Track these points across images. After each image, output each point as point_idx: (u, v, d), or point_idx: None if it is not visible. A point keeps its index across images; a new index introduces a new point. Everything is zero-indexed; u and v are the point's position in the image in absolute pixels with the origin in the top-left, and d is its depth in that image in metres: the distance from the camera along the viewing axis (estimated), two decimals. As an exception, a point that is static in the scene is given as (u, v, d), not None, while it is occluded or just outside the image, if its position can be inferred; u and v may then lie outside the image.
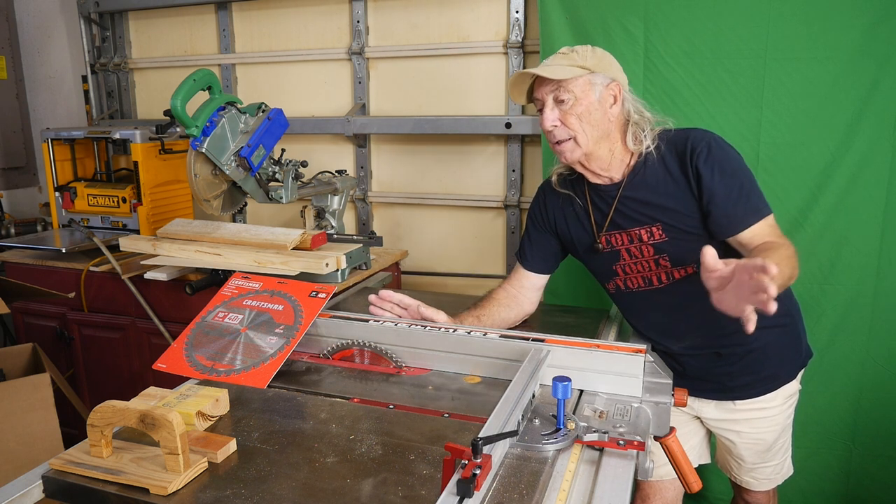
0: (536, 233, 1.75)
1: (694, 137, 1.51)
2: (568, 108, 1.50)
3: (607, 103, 1.52)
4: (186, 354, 1.39)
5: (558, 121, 1.51)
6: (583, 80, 1.50)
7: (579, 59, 1.51)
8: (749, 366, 1.61)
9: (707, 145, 1.48)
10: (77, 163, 2.75)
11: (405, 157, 2.80)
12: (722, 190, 1.46)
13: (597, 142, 1.53)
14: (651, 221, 1.54)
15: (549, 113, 1.52)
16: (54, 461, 1.04)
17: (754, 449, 1.70)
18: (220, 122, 1.99)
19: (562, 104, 1.51)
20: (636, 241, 1.56)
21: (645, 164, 1.55)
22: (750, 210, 1.46)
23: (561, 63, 1.51)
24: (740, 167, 1.50)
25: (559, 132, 1.52)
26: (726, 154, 1.49)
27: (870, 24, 1.92)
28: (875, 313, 2.08)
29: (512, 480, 0.97)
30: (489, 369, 1.37)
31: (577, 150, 1.53)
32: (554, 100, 1.51)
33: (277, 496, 0.97)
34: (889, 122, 1.97)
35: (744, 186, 1.47)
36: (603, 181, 1.60)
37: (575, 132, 1.51)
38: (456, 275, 2.76)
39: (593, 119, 1.51)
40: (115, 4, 3.09)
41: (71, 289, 2.32)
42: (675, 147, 1.53)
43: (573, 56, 1.52)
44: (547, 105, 1.52)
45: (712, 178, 1.46)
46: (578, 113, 1.50)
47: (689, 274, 1.53)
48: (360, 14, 2.71)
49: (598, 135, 1.52)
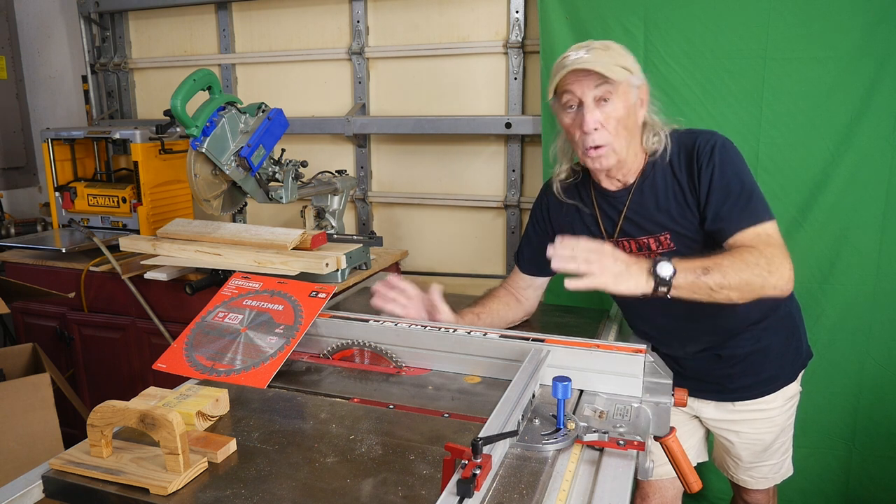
0: (537, 237, 1.72)
1: (701, 139, 1.47)
2: (610, 111, 1.40)
3: (638, 105, 1.46)
4: (186, 354, 1.39)
5: (600, 124, 1.41)
6: (626, 83, 1.41)
7: (619, 57, 1.42)
8: (749, 368, 1.60)
9: (712, 147, 1.45)
10: (77, 163, 2.75)
11: (405, 157, 2.80)
12: (718, 191, 1.43)
13: (629, 149, 1.47)
14: (660, 230, 1.51)
15: (592, 114, 1.39)
16: (54, 461, 1.04)
17: (752, 449, 1.70)
18: (220, 122, 1.99)
19: (604, 104, 1.40)
20: (644, 249, 1.53)
21: (654, 166, 1.50)
22: (745, 215, 1.41)
23: (607, 60, 1.39)
24: (741, 171, 1.46)
25: (600, 136, 1.42)
26: (730, 156, 1.45)
27: (869, 24, 1.93)
28: (875, 313, 2.09)
29: (512, 480, 0.97)
30: (489, 369, 1.37)
31: (612, 157, 1.45)
32: (594, 99, 1.41)
33: (277, 496, 0.97)
34: (888, 121, 1.97)
35: (743, 189, 1.43)
36: (615, 186, 1.55)
37: (613, 138, 1.42)
38: (456, 275, 2.76)
39: (629, 124, 1.44)
40: (115, 4, 3.09)
41: (71, 289, 2.32)
42: (685, 148, 1.48)
43: (613, 54, 1.42)
44: (587, 104, 1.40)
45: (711, 179, 1.43)
46: (618, 117, 1.41)
47: None
48: (360, 14, 2.71)
49: (630, 141, 1.46)
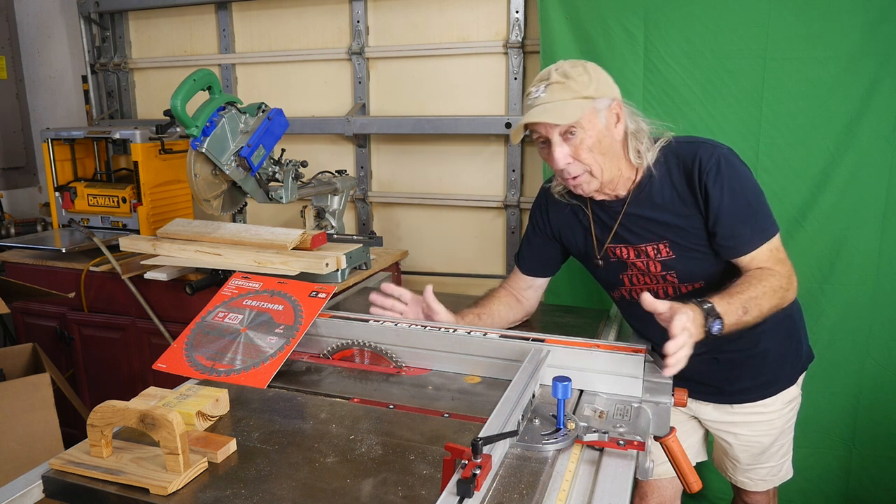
0: (537, 238, 1.72)
1: (703, 153, 1.44)
2: (578, 143, 1.41)
3: (612, 125, 1.44)
4: (186, 354, 1.39)
5: (570, 157, 1.42)
6: (588, 112, 1.40)
7: (578, 87, 1.39)
8: (747, 371, 1.60)
9: (717, 163, 1.41)
10: (77, 163, 2.75)
11: (405, 157, 2.80)
12: (729, 210, 1.41)
13: (610, 168, 1.46)
14: (658, 238, 1.50)
15: (559, 151, 1.41)
16: (54, 461, 1.04)
17: (750, 451, 1.70)
18: (220, 122, 1.99)
19: (570, 138, 1.41)
20: (643, 255, 1.53)
21: (650, 179, 1.49)
22: (756, 232, 1.42)
23: (562, 97, 1.39)
24: (749, 185, 1.45)
25: (573, 168, 1.43)
26: (736, 172, 1.43)
27: (870, 24, 1.93)
28: (875, 313, 2.08)
29: (512, 480, 0.97)
30: (489, 369, 1.37)
31: (594, 182, 1.46)
32: (560, 135, 1.41)
33: (277, 496, 0.97)
34: (888, 122, 1.97)
35: (751, 206, 1.42)
36: (608, 198, 1.54)
37: (589, 165, 1.42)
38: (456, 275, 2.76)
39: (604, 147, 1.43)
40: (115, 4, 3.09)
41: (71, 289, 2.32)
42: (683, 162, 1.46)
43: (571, 85, 1.40)
44: (554, 142, 1.41)
45: (721, 199, 1.41)
46: (590, 146, 1.41)
47: (696, 288, 1.51)
48: (360, 14, 2.71)
49: (610, 161, 1.45)
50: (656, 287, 1.55)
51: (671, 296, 1.53)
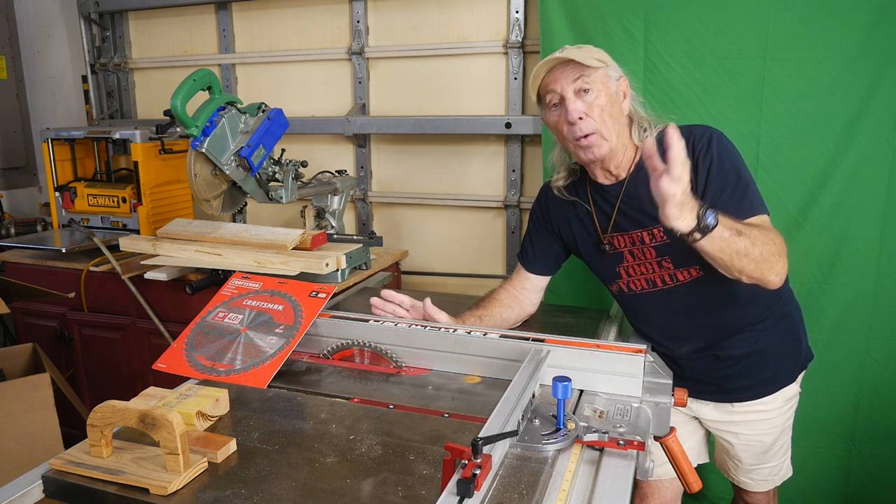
0: (538, 235, 1.74)
1: (697, 131, 1.49)
2: (592, 100, 1.45)
3: (620, 97, 1.51)
4: (186, 354, 1.39)
5: (584, 112, 1.45)
6: (602, 72, 1.47)
7: (594, 52, 1.49)
8: (747, 369, 1.60)
9: (708, 140, 1.46)
10: (77, 163, 2.75)
11: (405, 157, 2.80)
12: (716, 182, 1.44)
13: (618, 136, 1.50)
14: (653, 223, 1.51)
15: (574, 104, 1.45)
16: (54, 461, 1.04)
17: (752, 450, 1.70)
18: (220, 122, 1.99)
19: (584, 95, 1.46)
20: (638, 243, 1.55)
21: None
22: (743, 206, 1.43)
23: (580, 54, 1.46)
24: (738, 164, 1.48)
25: (586, 124, 1.46)
26: (726, 149, 1.47)
27: (870, 24, 1.93)
28: (875, 313, 2.08)
29: (512, 480, 0.97)
30: (489, 369, 1.37)
31: (605, 145, 1.49)
32: (574, 91, 1.46)
33: (277, 496, 0.97)
34: (888, 122, 1.97)
35: (740, 182, 1.45)
36: (609, 180, 1.58)
37: (599, 126, 1.46)
38: (456, 275, 2.76)
39: (614, 112, 1.48)
40: (115, 4, 3.09)
41: (71, 289, 2.32)
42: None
43: (587, 49, 1.49)
44: (568, 97, 1.46)
45: (708, 171, 1.45)
46: (601, 105, 1.46)
47: (693, 276, 1.52)
48: (360, 14, 2.71)
49: (618, 129, 1.49)
50: (653, 276, 1.56)
51: (669, 284, 1.55)
